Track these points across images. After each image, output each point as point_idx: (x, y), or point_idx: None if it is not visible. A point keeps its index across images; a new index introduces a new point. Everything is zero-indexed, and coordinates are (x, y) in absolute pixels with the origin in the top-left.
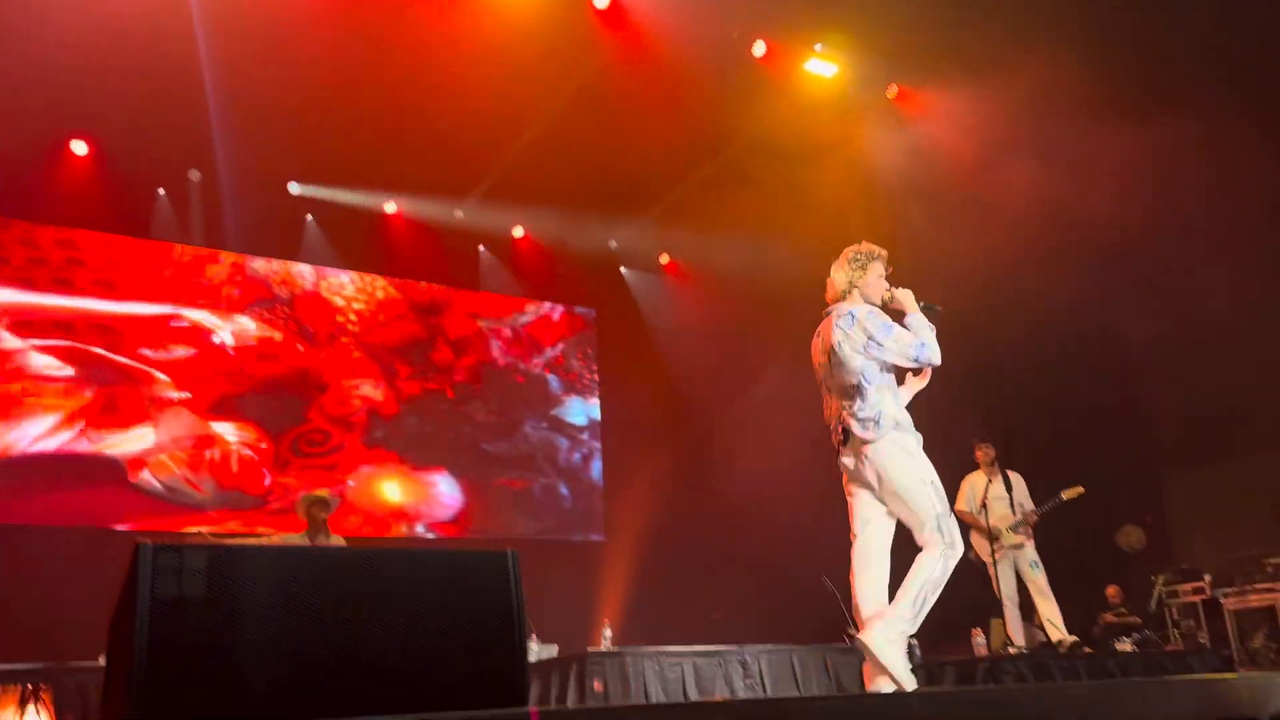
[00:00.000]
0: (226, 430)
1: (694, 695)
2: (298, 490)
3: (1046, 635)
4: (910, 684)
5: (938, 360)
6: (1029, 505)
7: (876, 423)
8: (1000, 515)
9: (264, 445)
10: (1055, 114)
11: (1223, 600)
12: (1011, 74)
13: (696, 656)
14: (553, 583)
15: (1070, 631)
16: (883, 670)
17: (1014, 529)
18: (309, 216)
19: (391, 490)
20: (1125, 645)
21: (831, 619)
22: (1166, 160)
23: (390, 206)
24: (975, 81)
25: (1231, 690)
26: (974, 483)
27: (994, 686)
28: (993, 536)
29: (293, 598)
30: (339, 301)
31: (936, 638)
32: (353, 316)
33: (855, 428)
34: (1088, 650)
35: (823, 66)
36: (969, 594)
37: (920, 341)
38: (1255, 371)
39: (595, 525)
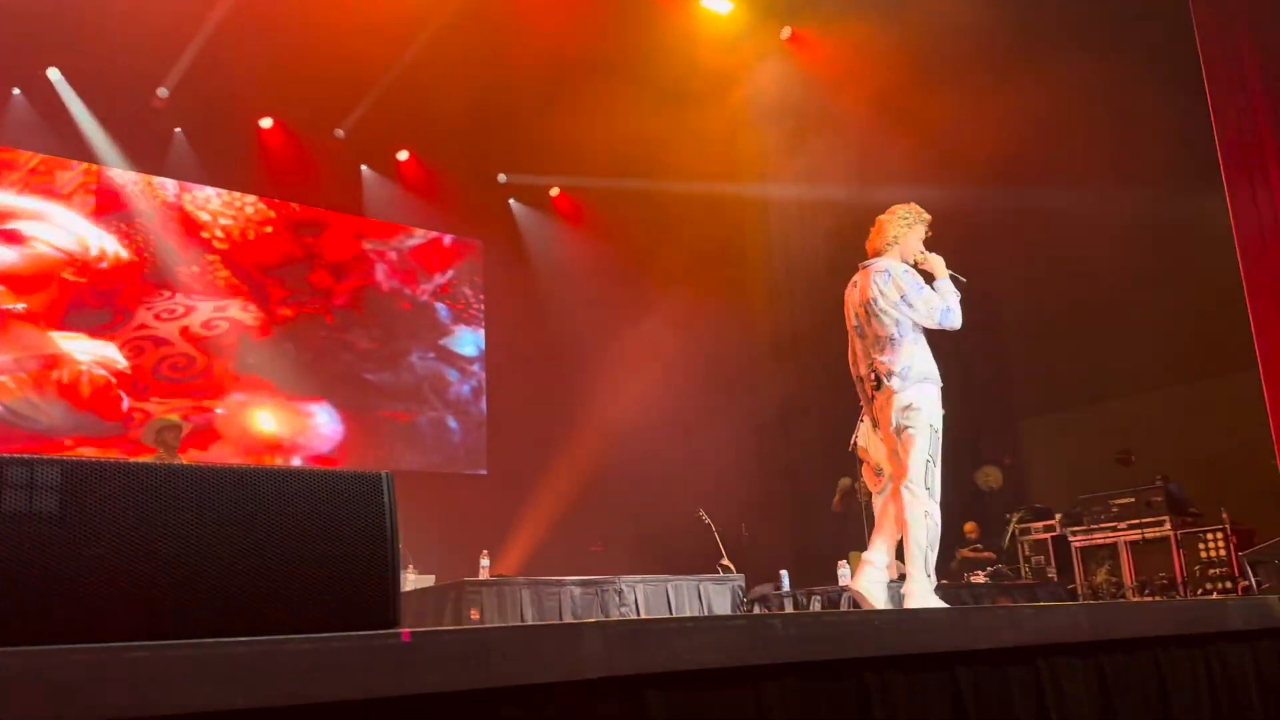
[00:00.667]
0: (77, 349)
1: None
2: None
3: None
4: None
5: (959, 325)
6: None
7: (904, 375)
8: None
9: (121, 367)
10: (945, 59)
11: (1070, 538)
12: (904, 19)
13: (574, 586)
14: (434, 516)
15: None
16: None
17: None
18: (177, 129)
19: (265, 420)
20: (979, 577)
21: (707, 551)
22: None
23: (266, 122)
24: (867, 25)
25: (1072, 617)
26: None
27: (854, 611)
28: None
29: (152, 516)
30: (204, 216)
31: (806, 569)
32: (219, 233)
33: (886, 378)
34: (944, 581)
35: (717, 2)
36: (838, 526)
37: (945, 306)
38: (1108, 325)
39: (479, 459)
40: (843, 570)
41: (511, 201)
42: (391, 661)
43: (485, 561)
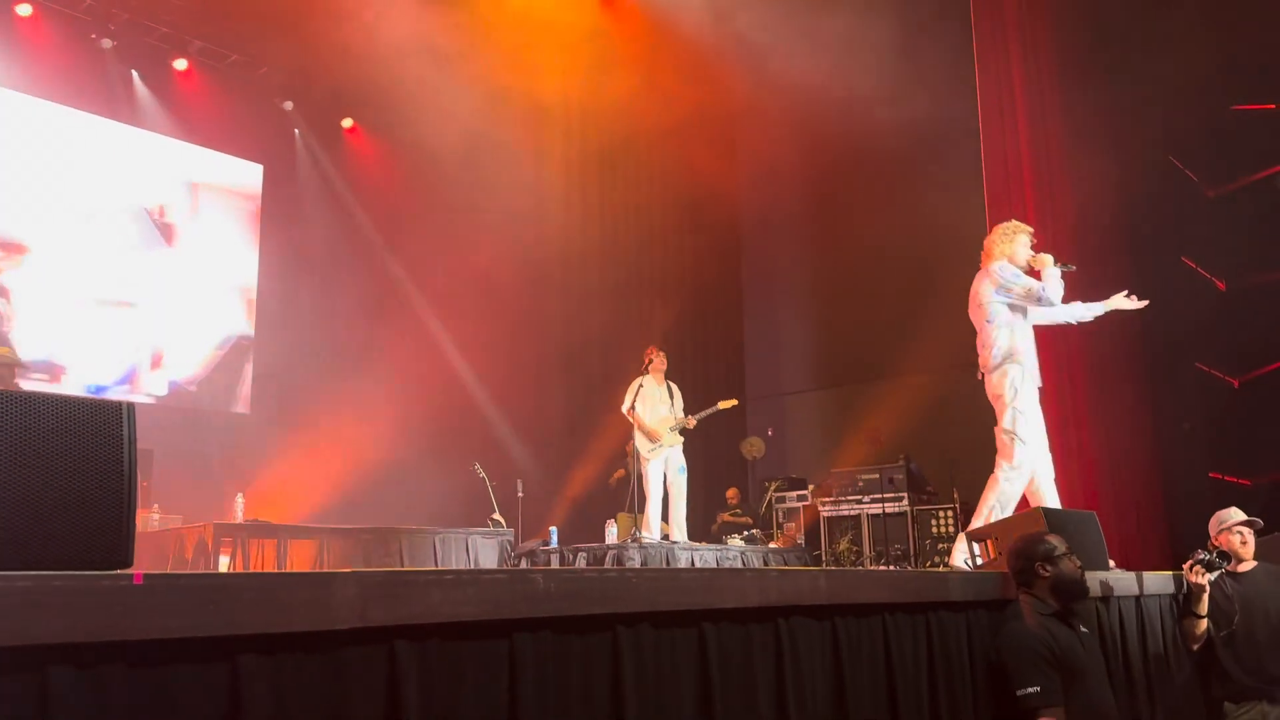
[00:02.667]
0: None
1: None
2: None
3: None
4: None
5: (1057, 300)
6: (682, 413)
7: (989, 364)
8: (662, 418)
9: None
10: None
11: (820, 508)
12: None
13: (334, 534)
14: (188, 453)
15: (689, 527)
16: None
17: (674, 430)
18: None
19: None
20: (736, 540)
21: (481, 505)
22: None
23: (25, 9)
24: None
25: (813, 582)
26: (633, 386)
27: (614, 569)
28: (650, 436)
29: None
30: None
31: (577, 528)
32: None
33: (979, 370)
34: (704, 543)
35: None
36: (607, 488)
37: (1044, 285)
38: (873, 313)
39: (242, 397)
40: (611, 529)
41: (297, 131)
42: (120, 604)
43: (240, 504)
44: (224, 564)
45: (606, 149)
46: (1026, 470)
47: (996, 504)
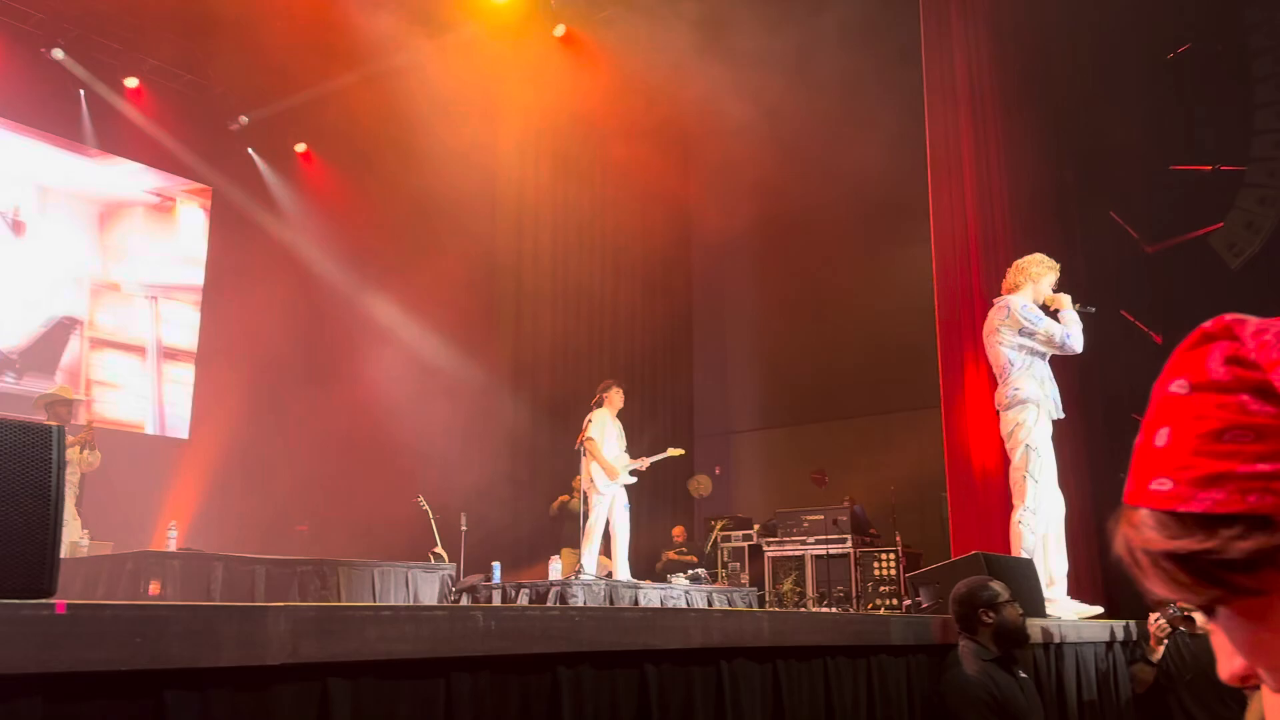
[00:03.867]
0: None
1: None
2: None
3: (613, 568)
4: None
5: (1078, 348)
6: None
7: (1008, 401)
8: (615, 455)
9: None
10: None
11: (765, 548)
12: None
13: (270, 565)
14: (123, 479)
15: (634, 565)
16: None
17: (627, 469)
18: None
19: None
20: (681, 579)
21: (423, 539)
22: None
23: None
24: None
25: (756, 623)
26: (600, 419)
27: (557, 607)
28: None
29: None
30: None
31: (519, 562)
32: None
33: (998, 407)
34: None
35: None
36: (555, 523)
37: (1066, 332)
38: (819, 354)
39: (181, 423)
40: (554, 565)
41: (251, 150)
42: (41, 635)
43: (173, 532)
44: (153, 594)
45: (559, 181)
46: (1044, 511)
47: (1025, 554)
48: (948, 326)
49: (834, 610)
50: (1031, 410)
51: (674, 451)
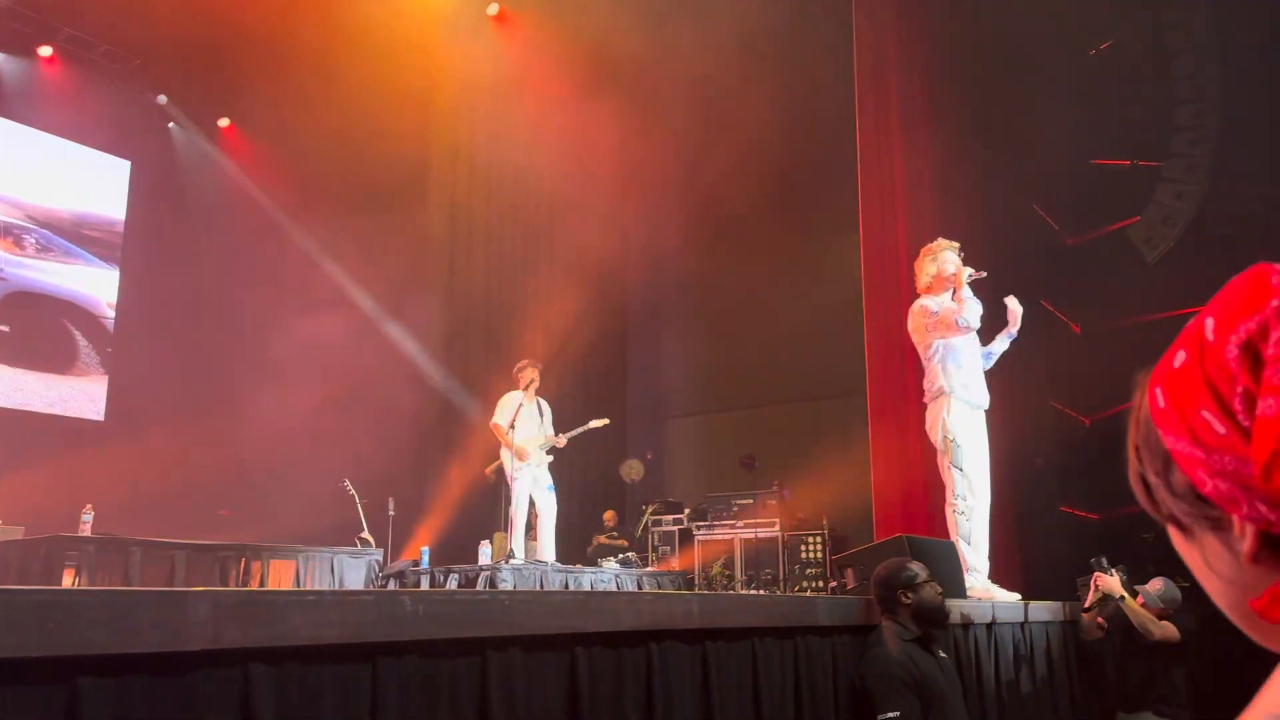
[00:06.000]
0: None
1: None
2: None
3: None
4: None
5: (975, 324)
6: (552, 431)
7: (928, 394)
8: (530, 435)
9: None
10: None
11: (695, 531)
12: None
13: (190, 550)
14: (35, 460)
15: (565, 549)
16: None
17: (543, 449)
18: None
19: None
20: (612, 563)
21: (349, 524)
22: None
23: None
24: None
25: (686, 606)
26: (510, 401)
27: (487, 591)
28: (518, 455)
29: None
30: None
31: (449, 548)
32: None
33: (925, 393)
34: (577, 565)
35: None
36: (485, 507)
37: (959, 312)
38: (751, 339)
39: (96, 403)
40: (484, 549)
41: (172, 125)
42: None
43: (88, 516)
44: (68, 581)
45: (492, 156)
46: (974, 500)
47: (963, 542)
48: (874, 315)
49: (762, 592)
50: (952, 403)
51: (596, 423)
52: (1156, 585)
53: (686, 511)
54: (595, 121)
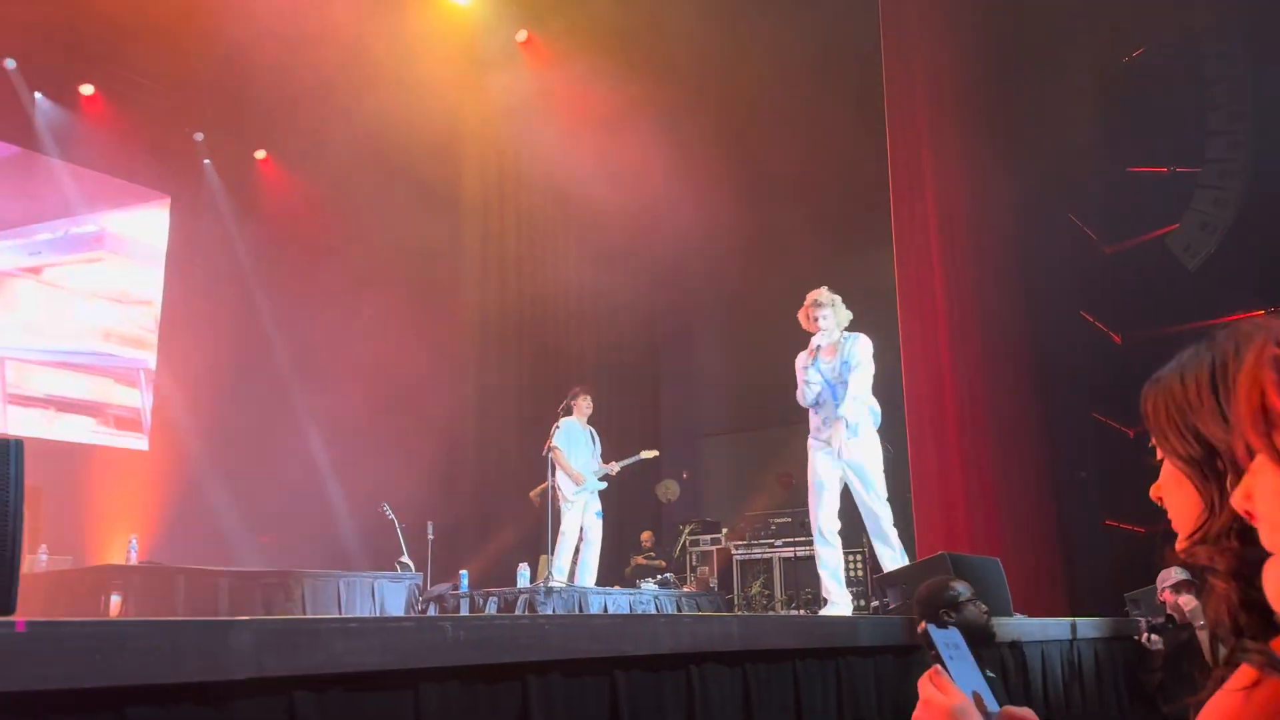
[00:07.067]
0: None
1: (226, 617)
2: None
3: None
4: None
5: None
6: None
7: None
8: (583, 462)
9: None
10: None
11: (733, 551)
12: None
13: (233, 577)
14: (81, 491)
15: (602, 569)
16: None
17: (596, 475)
18: None
19: None
20: (650, 584)
21: (389, 548)
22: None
23: None
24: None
25: (725, 628)
26: (569, 427)
27: (525, 615)
28: (575, 480)
29: None
30: None
31: (487, 570)
32: None
33: None
34: (616, 586)
35: None
36: (523, 529)
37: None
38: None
39: (140, 433)
40: (522, 572)
41: (207, 161)
42: (1, 652)
43: (134, 546)
44: (115, 608)
45: (523, 179)
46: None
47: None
48: (909, 330)
49: (803, 613)
50: (811, 440)
51: (646, 454)
52: None
53: (725, 531)
54: (625, 143)
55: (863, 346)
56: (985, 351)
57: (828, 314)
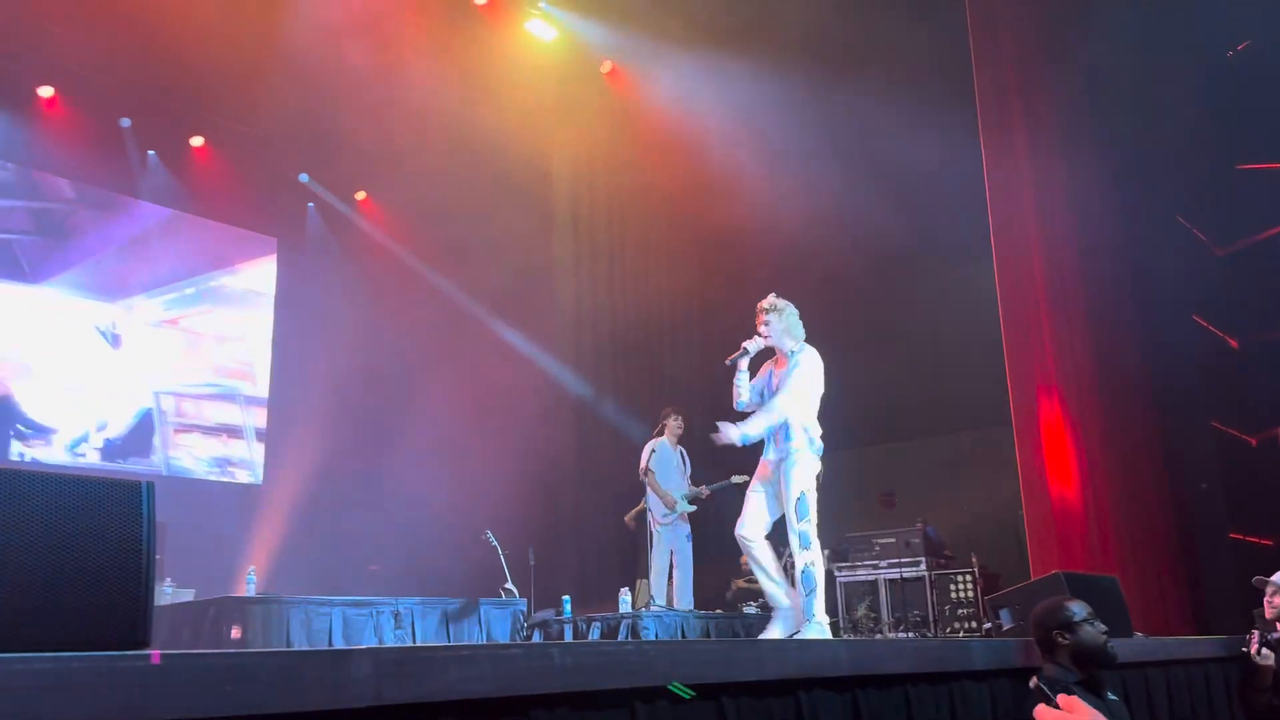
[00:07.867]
0: None
1: (340, 645)
2: None
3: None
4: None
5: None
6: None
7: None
8: (674, 485)
9: None
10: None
11: (836, 573)
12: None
13: (346, 606)
14: (200, 526)
15: (703, 595)
16: None
17: (687, 498)
18: None
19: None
20: (752, 607)
21: (491, 574)
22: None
23: (46, 91)
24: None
25: (833, 653)
26: (661, 449)
27: (631, 641)
28: (667, 503)
29: None
30: None
31: (589, 595)
32: None
33: None
34: (718, 611)
35: (543, 28)
36: (622, 554)
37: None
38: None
39: (254, 469)
40: (624, 597)
41: (311, 205)
42: (138, 685)
43: (252, 578)
44: (235, 639)
45: (615, 211)
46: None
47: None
48: (1013, 341)
49: (912, 636)
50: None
51: (737, 479)
52: None
53: (826, 553)
54: (716, 171)
55: (808, 360)
56: (1096, 361)
57: (771, 319)
